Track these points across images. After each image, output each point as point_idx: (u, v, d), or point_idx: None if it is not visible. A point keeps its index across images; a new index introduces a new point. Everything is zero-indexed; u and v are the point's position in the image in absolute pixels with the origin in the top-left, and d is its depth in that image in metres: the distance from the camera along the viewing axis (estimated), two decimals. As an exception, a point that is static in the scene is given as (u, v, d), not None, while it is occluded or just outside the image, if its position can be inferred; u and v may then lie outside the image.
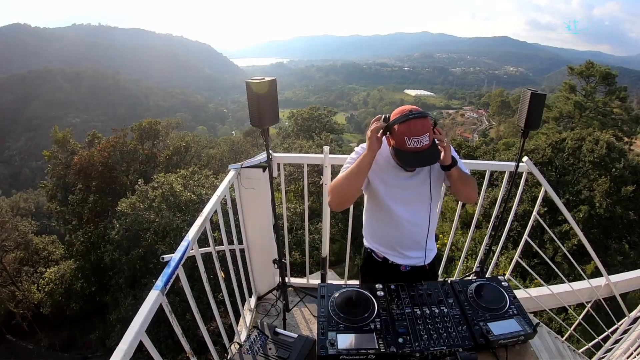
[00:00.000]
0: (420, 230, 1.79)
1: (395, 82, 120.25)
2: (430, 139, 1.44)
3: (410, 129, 1.41)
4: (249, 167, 2.13)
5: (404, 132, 1.42)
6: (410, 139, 1.41)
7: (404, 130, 1.42)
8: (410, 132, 1.41)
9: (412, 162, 1.47)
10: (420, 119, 1.42)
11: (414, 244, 1.83)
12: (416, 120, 1.42)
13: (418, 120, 1.42)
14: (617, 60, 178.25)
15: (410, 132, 1.41)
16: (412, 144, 1.41)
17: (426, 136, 1.42)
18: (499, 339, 1.67)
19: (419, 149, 1.42)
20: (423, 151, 1.43)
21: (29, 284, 14.12)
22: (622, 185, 11.22)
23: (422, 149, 1.43)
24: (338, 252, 10.19)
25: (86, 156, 13.17)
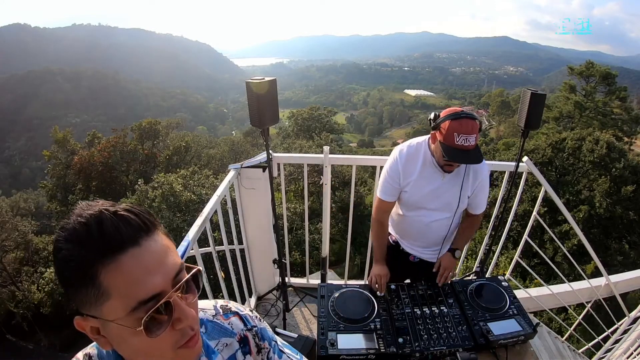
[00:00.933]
0: (440, 233, 1.83)
1: (395, 82, 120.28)
2: (476, 141, 1.51)
3: (461, 126, 1.47)
4: (249, 167, 2.13)
5: (455, 128, 1.48)
6: (460, 136, 1.47)
7: (455, 127, 1.48)
8: (461, 129, 1.47)
9: (458, 157, 1.52)
10: (472, 119, 1.50)
11: (431, 244, 1.88)
12: (468, 120, 1.49)
13: (469, 120, 1.49)
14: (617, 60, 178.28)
15: (460, 129, 1.47)
16: (461, 141, 1.47)
17: (473, 137, 1.49)
18: (499, 339, 1.67)
19: (466, 147, 1.49)
20: (469, 150, 1.50)
21: (29, 284, 14.10)
22: (622, 185, 11.22)
23: (468, 148, 1.49)
24: (338, 252, 10.17)
25: (86, 156, 13.18)
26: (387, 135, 73.44)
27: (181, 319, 0.50)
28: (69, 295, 0.49)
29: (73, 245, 0.46)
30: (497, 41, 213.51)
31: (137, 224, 0.49)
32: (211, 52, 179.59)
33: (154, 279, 0.48)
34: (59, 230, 0.48)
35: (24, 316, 14.00)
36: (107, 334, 0.50)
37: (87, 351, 0.60)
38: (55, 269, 0.49)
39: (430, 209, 1.76)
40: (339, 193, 13.35)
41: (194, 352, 0.54)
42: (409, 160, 1.71)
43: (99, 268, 0.46)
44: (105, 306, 0.47)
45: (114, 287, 0.46)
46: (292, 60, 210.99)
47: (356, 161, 2.38)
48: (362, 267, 2.82)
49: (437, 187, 1.71)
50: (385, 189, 1.77)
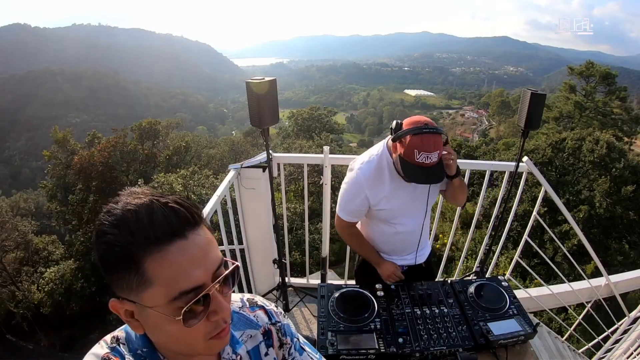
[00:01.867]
0: (414, 237, 1.80)
1: (395, 82, 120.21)
2: (438, 157, 1.41)
3: (422, 143, 1.37)
4: (249, 167, 2.13)
5: (415, 144, 1.37)
6: (420, 154, 1.37)
7: (416, 143, 1.37)
8: (422, 146, 1.37)
9: (416, 177, 1.43)
10: (434, 135, 1.39)
11: (407, 248, 1.85)
12: (429, 136, 1.38)
13: (432, 136, 1.38)
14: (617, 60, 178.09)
15: (421, 146, 1.37)
16: (421, 158, 1.38)
17: (436, 154, 1.39)
18: (499, 339, 1.67)
19: (426, 164, 1.39)
20: (429, 168, 1.41)
21: (29, 284, 14.11)
22: (622, 185, 11.23)
23: (428, 165, 1.40)
24: (338, 252, 10.17)
25: (86, 156, 13.16)
26: (387, 135, 73.32)
27: (217, 311, 0.52)
28: (108, 278, 0.51)
29: (120, 231, 0.47)
30: (497, 41, 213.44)
31: (185, 217, 0.50)
32: (211, 52, 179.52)
33: (197, 271, 0.49)
34: (105, 215, 0.49)
35: (24, 316, 14.00)
36: (142, 319, 0.52)
37: (116, 334, 0.61)
38: (96, 251, 0.50)
39: (407, 216, 1.70)
40: (338, 193, 13.35)
41: (223, 342, 0.57)
42: (374, 178, 1.59)
43: (145, 256, 0.47)
44: (146, 293, 0.49)
45: (158, 276, 0.48)
46: (292, 60, 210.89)
47: (356, 161, 2.37)
48: (362, 267, 2.81)
49: (410, 193, 1.64)
50: (350, 210, 1.68)
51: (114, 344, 0.59)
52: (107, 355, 0.56)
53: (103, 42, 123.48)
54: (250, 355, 0.71)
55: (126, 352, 0.58)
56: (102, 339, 0.61)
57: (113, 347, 0.58)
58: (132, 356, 0.57)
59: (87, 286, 13.02)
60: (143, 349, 0.58)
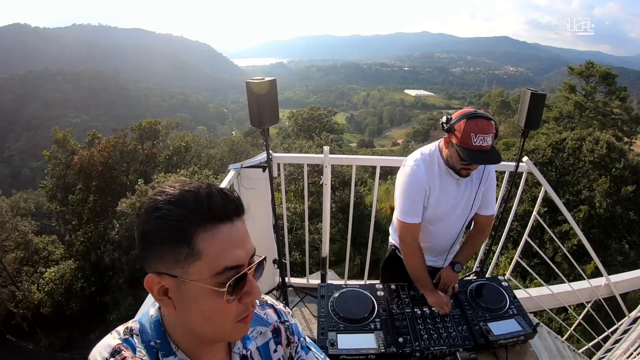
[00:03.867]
0: (448, 240, 1.81)
1: (395, 82, 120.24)
2: (492, 141, 1.45)
3: (478, 126, 1.42)
4: (249, 167, 2.13)
5: (471, 128, 1.42)
6: (477, 136, 1.41)
7: (472, 127, 1.42)
8: (478, 129, 1.41)
9: (477, 159, 1.45)
10: (487, 119, 1.44)
11: (442, 251, 1.86)
12: (483, 120, 1.43)
13: (484, 120, 1.44)
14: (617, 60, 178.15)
15: (477, 129, 1.41)
16: (478, 141, 1.41)
17: (490, 136, 1.43)
18: (499, 339, 1.67)
19: (484, 147, 1.43)
20: (487, 151, 1.44)
21: (29, 284, 14.10)
22: (622, 185, 11.21)
23: (486, 148, 1.43)
24: (338, 252, 10.17)
25: (86, 156, 13.14)
26: (387, 135, 73.44)
27: (250, 292, 0.57)
28: (153, 252, 0.54)
29: (177, 207, 0.52)
30: (497, 41, 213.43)
31: (235, 205, 0.57)
32: (211, 52, 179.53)
33: (239, 252, 0.55)
34: (158, 195, 0.54)
35: (24, 316, 13.99)
36: (179, 296, 0.55)
37: (129, 325, 0.63)
38: (146, 225, 0.53)
39: (449, 219, 1.71)
40: (339, 193, 13.34)
41: (246, 328, 0.61)
42: (429, 170, 1.60)
43: (198, 231, 0.52)
44: (193, 266, 0.52)
45: (207, 250, 0.52)
46: (292, 60, 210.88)
47: (356, 161, 2.38)
48: (362, 267, 2.82)
49: (456, 195, 1.65)
50: (411, 209, 1.62)
51: (127, 335, 0.61)
52: (118, 346, 0.58)
53: (103, 42, 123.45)
54: (260, 351, 0.73)
55: (138, 343, 0.60)
56: (115, 330, 0.63)
57: (125, 338, 0.60)
58: (144, 347, 0.59)
59: (87, 286, 13.00)
60: (157, 340, 0.60)
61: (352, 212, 2.53)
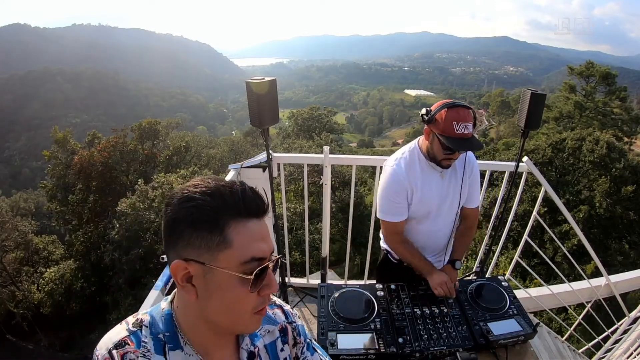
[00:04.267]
0: (440, 238, 1.80)
1: (395, 82, 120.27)
2: (472, 128, 1.49)
3: (459, 114, 1.45)
4: (249, 167, 2.13)
5: (452, 117, 1.45)
6: (459, 124, 1.44)
7: (453, 116, 1.45)
8: (459, 117, 1.45)
9: (459, 146, 1.48)
10: (467, 108, 1.49)
11: (435, 250, 1.85)
12: (463, 108, 1.48)
13: (464, 108, 1.48)
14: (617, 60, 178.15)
15: (458, 118, 1.45)
16: (460, 129, 1.45)
17: (471, 125, 1.47)
18: (499, 339, 1.67)
19: (466, 135, 1.46)
20: (469, 138, 1.48)
21: (29, 284, 14.11)
22: (622, 185, 11.21)
23: (467, 136, 1.47)
24: (338, 252, 10.18)
25: (86, 156, 13.14)
26: (387, 135, 73.44)
27: (269, 285, 0.61)
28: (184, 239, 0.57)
29: (212, 199, 0.56)
30: (497, 41, 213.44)
31: (264, 204, 0.61)
32: (211, 52, 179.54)
33: (264, 245, 0.59)
34: (191, 187, 0.57)
35: (24, 316, 14.00)
36: (204, 283, 0.58)
37: (140, 317, 0.65)
38: (176, 214, 0.57)
39: (437, 215, 1.71)
40: (339, 193, 13.35)
41: (260, 321, 0.64)
42: (409, 169, 1.62)
43: (231, 222, 0.56)
44: (223, 254, 0.56)
45: (237, 240, 0.56)
46: (292, 60, 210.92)
47: (356, 161, 2.38)
48: (362, 267, 2.82)
49: (441, 189, 1.66)
50: (391, 208, 1.66)
51: (136, 327, 0.63)
52: (124, 339, 0.61)
53: (103, 42, 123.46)
54: (267, 349, 0.76)
55: (147, 335, 0.62)
56: (125, 320, 0.65)
57: (134, 330, 0.63)
58: (151, 339, 0.62)
59: (87, 286, 13.00)
60: (166, 333, 0.62)
61: (352, 212, 2.53)
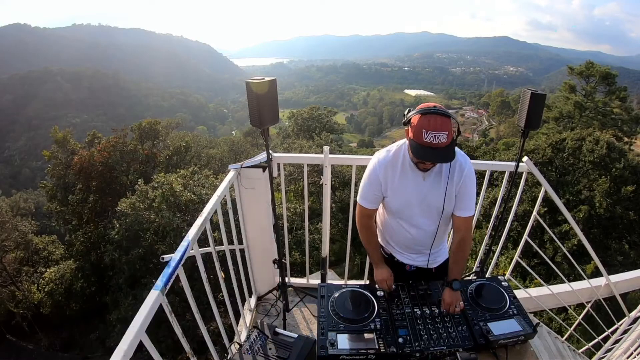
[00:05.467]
0: (424, 239, 1.78)
1: (395, 82, 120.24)
2: (449, 138, 1.43)
3: (429, 122, 1.41)
4: (249, 167, 2.13)
5: (422, 125, 1.42)
6: (428, 133, 1.40)
7: (423, 124, 1.42)
8: (429, 125, 1.40)
9: (425, 155, 1.45)
10: (441, 116, 1.42)
11: (419, 249, 1.84)
12: (437, 116, 1.41)
13: (439, 117, 1.41)
14: (617, 60, 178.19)
15: (428, 126, 1.40)
16: (429, 138, 1.40)
17: (444, 134, 1.41)
18: (499, 339, 1.67)
19: (435, 144, 1.41)
20: (438, 148, 1.42)
21: (29, 284, 14.10)
22: (622, 185, 11.21)
23: (437, 146, 1.41)
24: (338, 252, 10.18)
25: (86, 156, 13.14)
26: (387, 135, 73.38)
27: None
28: None
29: None
30: (497, 41, 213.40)
31: None
32: (211, 52, 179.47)
33: None
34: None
35: (24, 316, 13.99)
36: None
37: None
38: None
39: (415, 214, 1.70)
40: (339, 193, 13.35)
41: None
42: (388, 165, 1.65)
43: None
44: None
45: None
46: (292, 60, 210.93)
47: (356, 161, 2.38)
48: (362, 267, 2.82)
49: (420, 190, 1.65)
50: (366, 195, 1.74)
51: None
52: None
53: (103, 42, 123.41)
54: None
55: None
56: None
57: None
58: None
59: (87, 286, 13.00)
60: None
61: (352, 212, 2.52)
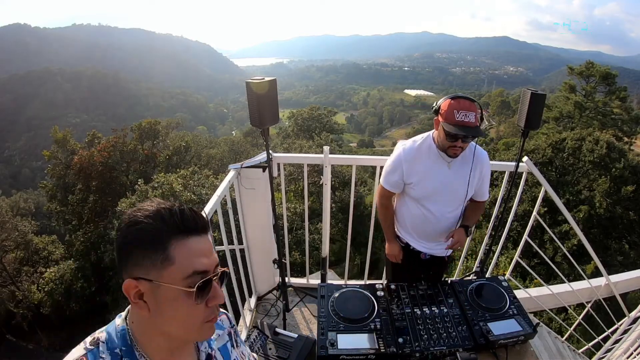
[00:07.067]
0: (446, 226, 1.84)
1: (395, 82, 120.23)
2: (476, 119, 1.60)
3: (459, 104, 1.60)
4: (249, 167, 2.13)
5: (453, 106, 1.60)
6: (459, 112, 1.58)
7: (454, 105, 1.60)
8: (459, 106, 1.59)
9: (459, 131, 1.58)
10: (468, 100, 1.62)
11: (438, 237, 1.87)
12: (465, 99, 1.62)
13: (466, 100, 1.61)
14: (617, 60, 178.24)
15: (459, 106, 1.59)
16: (460, 117, 1.57)
17: (472, 114, 1.59)
18: (499, 339, 1.67)
19: (466, 123, 1.58)
20: (469, 126, 1.58)
21: (29, 284, 14.09)
22: (622, 185, 11.21)
23: (468, 124, 1.58)
24: (338, 252, 10.16)
25: (86, 156, 13.13)
26: (387, 135, 73.42)
27: (216, 297, 0.65)
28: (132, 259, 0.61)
29: (154, 221, 0.61)
30: (497, 41, 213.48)
31: (203, 221, 0.65)
32: (211, 52, 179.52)
33: (206, 260, 0.63)
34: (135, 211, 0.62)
35: (24, 316, 13.98)
36: (154, 299, 0.62)
37: (96, 335, 0.68)
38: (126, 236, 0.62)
39: (440, 201, 1.78)
40: (339, 193, 13.34)
41: (213, 329, 0.68)
42: (413, 155, 1.76)
43: (172, 240, 0.61)
44: (166, 271, 0.60)
45: (178, 257, 0.61)
46: (292, 60, 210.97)
47: (356, 161, 2.38)
48: (362, 267, 2.82)
49: (445, 178, 1.74)
50: (389, 179, 1.84)
51: (93, 345, 0.66)
52: (81, 358, 0.64)
53: (103, 42, 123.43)
54: (220, 352, 0.82)
55: (104, 351, 0.65)
56: (83, 340, 0.68)
57: (91, 349, 0.65)
58: (109, 354, 0.65)
59: (87, 286, 12.99)
60: (122, 347, 0.65)
61: (352, 212, 2.53)
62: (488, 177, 1.87)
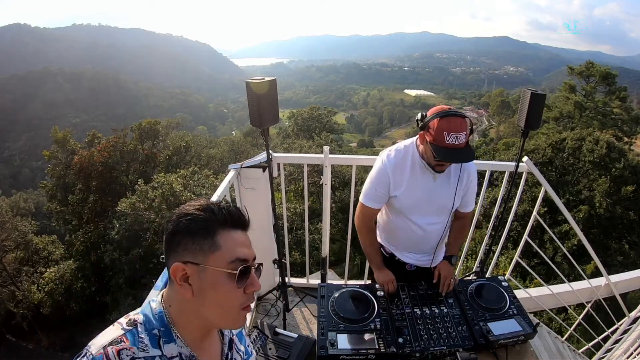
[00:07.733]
0: (431, 239, 1.79)
1: (395, 82, 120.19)
2: (466, 138, 1.47)
3: (450, 124, 1.43)
4: (249, 167, 2.13)
5: (443, 127, 1.43)
6: (450, 135, 1.43)
7: (444, 126, 1.43)
8: (450, 127, 1.43)
9: (450, 157, 1.48)
10: (460, 117, 1.46)
11: (424, 249, 1.84)
12: (456, 118, 1.45)
13: (458, 118, 1.45)
14: (618, 60, 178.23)
15: (449, 128, 1.43)
16: (451, 140, 1.43)
17: (463, 135, 1.45)
18: (499, 339, 1.67)
19: (457, 145, 1.44)
20: (460, 149, 1.45)
21: (29, 284, 14.09)
22: (622, 185, 11.20)
23: (458, 147, 1.45)
24: (338, 252, 10.15)
25: (86, 156, 13.13)
26: (387, 135, 73.42)
27: (253, 284, 0.73)
28: (182, 245, 0.69)
29: (204, 213, 0.70)
30: (497, 41, 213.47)
31: (245, 219, 0.75)
32: (211, 52, 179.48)
33: (247, 250, 0.73)
34: (187, 206, 0.72)
35: (24, 316, 13.97)
36: (198, 282, 0.68)
37: (132, 317, 0.73)
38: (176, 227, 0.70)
39: (424, 213, 1.71)
40: (339, 193, 13.34)
41: (245, 318, 0.75)
42: (397, 165, 1.65)
43: (219, 230, 0.70)
44: (213, 255, 0.68)
45: (224, 244, 0.69)
46: (292, 60, 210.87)
47: (356, 161, 2.38)
48: (362, 267, 2.82)
49: (430, 190, 1.66)
50: (372, 195, 1.72)
51: (131, 326, 0.71)
52: (120, 337, 0.68)
53: (103, 42, 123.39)
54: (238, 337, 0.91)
55: (142, 332, 0.70)
56: (117, 321, 0.73)
57: (129, 329, 0.70)
58: (147, 335, 0.70)
59: (87, 286, 12.99)
60: (160, 328, 0.71)
61: (352, 212, 2.52)
62: (474, 186, 1.76)
